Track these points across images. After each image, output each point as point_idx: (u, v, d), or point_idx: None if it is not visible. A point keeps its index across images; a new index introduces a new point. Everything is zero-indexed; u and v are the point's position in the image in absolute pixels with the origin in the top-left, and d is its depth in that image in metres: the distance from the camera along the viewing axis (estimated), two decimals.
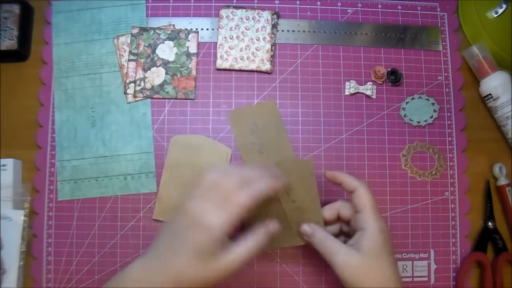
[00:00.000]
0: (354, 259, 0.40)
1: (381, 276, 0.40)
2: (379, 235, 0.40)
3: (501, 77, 0.52)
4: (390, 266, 0.40)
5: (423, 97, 0.53)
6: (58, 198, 0.51)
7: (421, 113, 0.53)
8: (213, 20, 0.54)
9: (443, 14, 0.57)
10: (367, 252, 0.40)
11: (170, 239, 0.38)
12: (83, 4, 0.54)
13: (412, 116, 0.53)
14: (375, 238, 0.40)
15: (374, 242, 0.40)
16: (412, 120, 0.53)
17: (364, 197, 0.42)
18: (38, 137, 0.52)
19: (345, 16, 0.56)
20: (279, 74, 0.54)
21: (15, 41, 0.52)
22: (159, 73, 0.53)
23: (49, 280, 0.49)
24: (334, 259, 0.41)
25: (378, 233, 0.40)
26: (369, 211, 0.41)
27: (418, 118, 0.53)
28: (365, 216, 0.41)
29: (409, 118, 0.53)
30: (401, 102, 0.54)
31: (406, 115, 0.53)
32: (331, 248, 0.41)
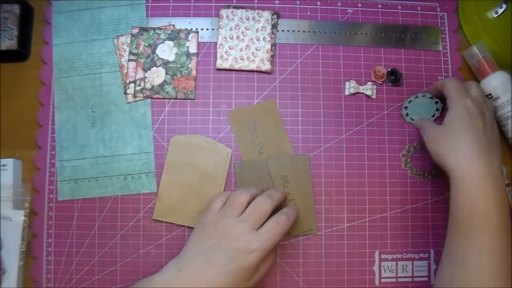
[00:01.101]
0: (436, 130, 0.46)
1: (464, 145, 0.43)
2: (461, 110, 0.45)
3: (501, 77, 0.52)
4: (470, 140, 0.43)
5: (427, 95, 0.53)
6: (58, 198, 0.51)
7: (422, 111, 0.53)
8: (213, 20, 0.54)
9: (443, 14, 0.57)
10: (447, 124, 0.45)
11: (206, 251, 0.42)
12: (83, 4, 0.54)
13: (413, 115, 0.53)
14: (455, 111, 0.45)
15: (454, 115, 0.45)
16: (413, 120, 0.53)
17: (450, 84, 0.47)
18: (38, 137, 0.52)
19: (345, 16, 0.56)
20: (279, 74, 0.54)
21: (15, 41, 0.52)
22: (159, 73, 0.53)
23: (49, 280, 0.49)
24: (425, 136, 0.48)
25: (460, 109, 0.45)
26: (454, 93, 0.46)
27: (419, 116, 0.53)
28: (450, 98, 0.47)
29: (410, 117, 0.53)
30: (403, 101, 0.54)
31: (408, 114, 0.53)
32: (424, 127, 0.49)
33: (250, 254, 0.41)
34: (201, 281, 0.41)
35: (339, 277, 0.51)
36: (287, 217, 0.44)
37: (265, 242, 0.42)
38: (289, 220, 0.44)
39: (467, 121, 0.44)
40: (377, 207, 0.52)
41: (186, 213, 0.50)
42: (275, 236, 0.43)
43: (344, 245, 0.51)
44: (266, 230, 0.43)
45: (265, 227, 0.43)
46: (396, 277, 0.51)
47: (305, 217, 0.51)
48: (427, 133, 0.48)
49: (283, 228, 0.43)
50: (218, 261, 0.41)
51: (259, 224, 0.43)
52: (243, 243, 0.41)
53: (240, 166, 0.52)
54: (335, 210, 0.52)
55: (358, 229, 0.52)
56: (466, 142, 0.43)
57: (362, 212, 0.52)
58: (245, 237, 0.42)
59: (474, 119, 0.44)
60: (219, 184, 0.51)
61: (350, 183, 0.52)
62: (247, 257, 0.41)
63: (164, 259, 0.50)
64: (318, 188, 0.52)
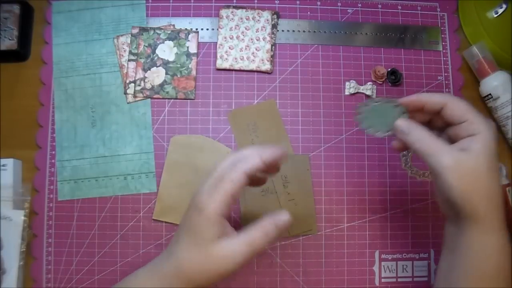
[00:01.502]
0: (465, 160, 0.35)
1: (494, 187, 0.35)
2: (492, 140, 0.36)
3: (501, 77, 0.52)
4: (497, 179, 0.36)
5: (392, 102, 0.41)
6: (58, 198, 0.51)
7: (381, 121, 0.41)
8: (213, 20, 0.54)
9: (443, 14, 0.57)
10: (481, 157, 0.35)
11: (177, 232, 0.38)
12: (83, 4, 0.54)
13: (369, 124, 0.42)
14: (489, 143, 0.35)
15: (487, 148, 0.35)
16: (368, 130, 0.42)
17: (461, 105, 0.37)
18: (38, 137, 0.52)
19: (345, 16, 0.56)
20: (279, 74, 0.54)
21: (15, 41, 0.52)
22: (159, 73, 0.53)
23: (49, 280, 0.49)
24: (438, 159, 0.35)
25: (492, 139, 0.36)
26: (477, 116, 0.36)
27: (376, 127, 0.41)
28: (474, 122, 0.36)
29: (366, 125, 0.42)
30: (359, 103, 0.44)
31: (363, 120, 0.42)
32: (435, 147, 0.36)
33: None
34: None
35: (339, 277, 0.51)
36: (265, 233, 0.36)
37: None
38: (267, 236, 0.36)
39: (496, 157, 0.36)
40: (377, 207, 0.52)
41: None
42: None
43: (344, 245, 0.51)
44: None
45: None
46: (396, 277, 0.51)
47: (305, 217, 0.51)
48: (443, 157, 0.35)
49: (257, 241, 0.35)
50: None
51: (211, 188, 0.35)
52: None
53: None
54: (335, 210, 0.52)
55: (358, 229, 0.52)
56: (497, 185, 0.36)
57: (362, 212, 0.52)
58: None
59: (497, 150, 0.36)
60: None
61: (350, 183, 0.52)
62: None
63: None
64: (318, 188, 0.52)
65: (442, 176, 0.35)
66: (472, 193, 0.34)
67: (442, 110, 0.38)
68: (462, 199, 0.35)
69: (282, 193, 0.51)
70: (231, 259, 0.34)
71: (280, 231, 0.36)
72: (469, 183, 0.34)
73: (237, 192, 0.35)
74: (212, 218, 0.34)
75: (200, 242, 0.35)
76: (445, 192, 0.35)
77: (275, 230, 0.36)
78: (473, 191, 0.34)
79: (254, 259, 0.50)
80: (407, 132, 0.38)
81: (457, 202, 0.35)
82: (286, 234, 0.50)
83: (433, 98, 0.39)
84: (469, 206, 0.35)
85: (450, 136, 0.39)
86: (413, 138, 0.37)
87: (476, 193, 0.35)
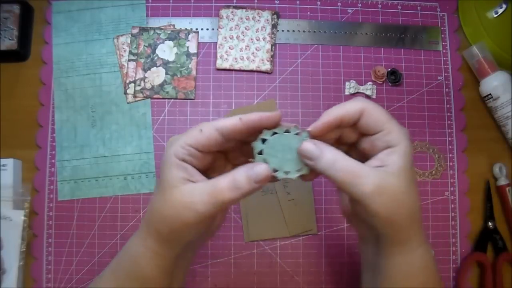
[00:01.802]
0: (386, 181, 0.30)
1: (415, 203, 0.32)
2: (410, 151, 0.32)
3: (501, 77, 0.52)
4: (416, 192, 0.32)
5: (293, 131, 0.33)
6: (58, 198, 0.51)
7: (285, 156, 0.32)
8: (213, 20, 0.54)
9: (443, 14, 0.57)
10: (402, 173, 0.31)
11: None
12: (83, 4, 0.54)
13: (272, 158, 0.32)
14: (408, 155, 0.31)
15: (407, 161, 0.31)
16: (269, 163, 0.32)
17: (378, 113, 0.32)
18: (38, 137, 0.52)
19: (345, 16, 0.56)
20: (279, 74, 0.54)
21: (15, 41, 0.52)
22: (159, 73, 0.53)
23: (49, 280, 0.49)
24: (358, 188, 0.30)
25: (409, 149, 0.32)
26: (394, 124, 0.32)
27: (279, 163, 0.32)
28: (392, 132, 0.32)
29: (263, 158, 0.32)
30: (264, 130, 0.33)
31: (263, 152, 0.32)
32: (353, 172, 0.30)
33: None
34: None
35: (339, 277, 0.51)
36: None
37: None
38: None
39: (413, 167, 0.33)
40: None
41: None
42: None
43: (344, 245, 0.51)
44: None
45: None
46: None
47: (305, 217, 0.51)
48: (363, 185, 0.30)
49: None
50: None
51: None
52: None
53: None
54: (335, 210, 0.52)
55: None
56: (417, 199, 0.32)
57: None
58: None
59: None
60: None
61: None
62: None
63: None
64: (318, 188, 0.52)
65: (364, 204, 0.30)
66: (395, 216, 0.31)
67: (360, 120, 0.32)
68: (385, 224, 0.31)
69: (282, 193, 0.51)
70: (191, 207, 0.31)
71: (253, 185, 0.31)
72: (392, 207, 0.30)
73: (204, 143, 0.32)
74: (170, 161, 0.32)
75: (161, 187, 0.32)
76: (367, 218, 0.32)
77: (247, 182, 0.31)
78: (396, 215, 0.31)
79: (253, 259, 0.50)
80: (316, 156, 0.31)
81: (379, 228, 0.32)
82: (289, 234, 0.50)
83: (349, 108, 0.32)
84: (392, 230, 0.32)
85: (364, 149, 0.34)
86: (325, 165, 0.31)
87: (399, 215, 0.31)
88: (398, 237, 0.32)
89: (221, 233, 0.51)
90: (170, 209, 0.31)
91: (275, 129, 0.33)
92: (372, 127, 0.32)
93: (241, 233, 0.51)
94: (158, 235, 0.33)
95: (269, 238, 0.51)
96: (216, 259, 0.50)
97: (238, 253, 0.51)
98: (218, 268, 0.50)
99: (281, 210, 0.51)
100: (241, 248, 0.51)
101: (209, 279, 0.50)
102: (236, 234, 0.51)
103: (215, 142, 0.32)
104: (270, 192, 0.51)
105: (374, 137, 0.33)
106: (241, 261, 0.51)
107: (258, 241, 0.51)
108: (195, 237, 0.34)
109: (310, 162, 0.32)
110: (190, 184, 0.31)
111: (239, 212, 0.51)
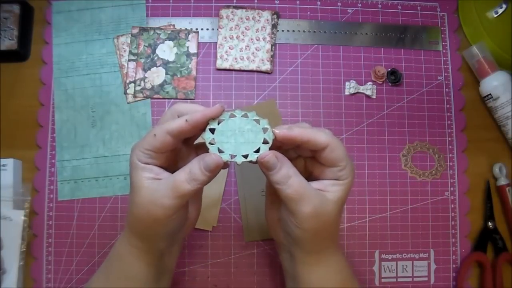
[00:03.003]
0: (323, 207, 0.34)
1: (337, 224, 0.37)
2: (351, 186, 0.36)
3: (501, 77, 0.52)
4: (341, 214, 0.37)
5: (251, 115, 0.34)
6: (58, 198, 0.51)
7: (240, 142, 0.34)
8: (213, 20, 0.54)
9: (443, 14, 0.57)
10: (339, 202, 0.35)
11: None
12: (83, 4, 0.54)
13: (224, 144, 0.34)
14: (348, 190, 0.36)
15: (346, 194, 0.36)
16: (222, 152, 0.33)
17: (341, 151, 0.35)
18: (38, 137, 0.52)
19: (345, 16, 0.56)
20: (279, 74, 0.54)
21: (15, 41, 0.52)
22: (159, 73, 0.53)
23: (49, 280, 0.49)
24: (300, 207, 0.33)
25: (351, 185, 0.36)
26: (349, 163, 0.35)
27: (234, 149, 0.34)
28: (345, 169, 0.35)
29: (217, 148, 0.33)
30: (211, 121, 0.34)
31: (214, 141, 0.34)
32: (300, 192, 0.33)
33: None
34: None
35: None
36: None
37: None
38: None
39: (347, 197, 0.36)
40: (377, 207, 0.52)
41: None
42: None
43: (344, 245, 0.51)
44: None
45: None
46: (396, 277, 0.51)
47: None
48: (305, 206, 0.33)
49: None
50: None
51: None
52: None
53: (240, 166, 0.52)
54: None
55: (358, 229, 0.52)
56: (339, 220, 0.37)
57: (362, 212, 0.52)
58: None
59: None
60: (219, 184, 0.51)
61: None
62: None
63: None
64: None
65: (298, 220, 0.34)
66: (320, 234, 0.35)
67: (322, 152, 0.34)
68: (309, 240, 0.35)
69: None
70: (157, 202, 0.33)
71: (209, 173, 0.33)
72: (319, 227, 0.34)
73: (159, 146, 0.33)
74: (135, 166, 0.34)
75: (132, 189, 0.35)
76: (294, 231, 0.35)
77: (201, 173, 0.33)
78: (320, 232, 0.35)
79: (253, 259, 0.50)
80: (275, 169, 0.34)
81: (302, 242, 0.35)
82: None
83: (318, 138, 0.34)
84: (312, 243, 0.36)
85: (313, 171, 0.37)
86: (280, 178, 0.33)
87: (322, 233, 0.35)
88: (316, 248, 0.36)
89: (221, 233, 0.51)
90: (141, 208, 0.34)
91: (220, 116, 0.34)
92: (330, 161, 0.35)
93: (241, 233, 0.51)
94: (138, 233, 0.36)
95: (269, 238, 0.51)
96: (216, 259, 0.50)
97: (238, 253, 0.51)
98: (218, 268, 0.50)
99: None
100: (241, 248, 0.51)
101: (209, 279, 0.50)
102: (236, 234, 0.51)
103: (169, 144, 0.34)
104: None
105: (328, 168, 0.35)
106: (241, 261, 0.51)
107: (258, 241, 0.51)
108: (173, 229, 0.36)
109: (267, 172, 0.34)
110: (156, 182, 0.34)
111: (239, 212, 0.51)
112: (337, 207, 0.35)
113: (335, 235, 0.38)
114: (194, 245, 0.51)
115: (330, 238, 0.37)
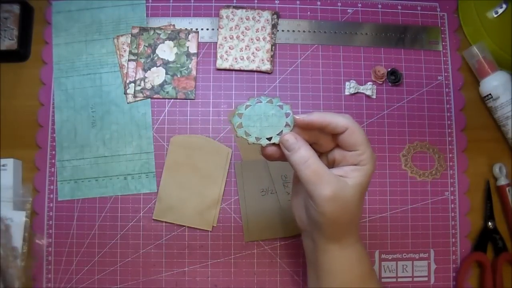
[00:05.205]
0: (343, 191, 0.34)
1: (358, 211, 0.37)
2: (371, 174, 0.36)
3: (501, 77, 0.52)
4: (362, 203, 0.37)
5: (275, 101, 0.37)
6: (58, 198, 0.51)
7: (265, 125, 0.36)
8: (213, 20, 0.54)
9: (443, 14, 0.57)
10: (358, 188, 0.35)
11: None
12: (83, 4, 0.54)
13: (251, 128, 0.36)
14: (368, 176, 0.36)
15: (366, 180, 0.36)
16: (248, 137, 0.36)
17: (360, 134, 0.36)
18: (38, 137, 0.52)
19: (345, 16, 0.56)
20: (279, 74, 0.54)
21: (15, 41, 0.52)
22: (159, 73, 0.53)
23: (49, 280, 0.49)
24: (319, 190, 0.34)
25: (371, 173, 0.36)
26: (369, 148, 0.36)
27: (259, 132, 0.36)
28: (365, 153, 0.36)
29: (244, 131, 0.36)
30: (238, 106, 0.37)
31: (242, 125, 0.36)
32: (319, 174, 0.34)
33: None
34: None
35: None
36: None
37: None
38: None
39: (368, 185, 0.37)
40: (377, 207, 0.52)
41: (186, 213, 0.50)
42: None
43: None
44: None
45: None
46: (396, 277, 0.51)
47: None
48: (324, 189, 0.34)
49: None
50: None
51: None
52: None
53: (240, 166, 0.52)
54: None
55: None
56: (361, 208, 0.37)
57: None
58: None
59: None
60: (219, 184, 0.51)
61: None
62: None
63: (164, 259, 0.50)
64: None
65: (317, 204, 0.34)
66: (339, 219, 0.35)
67: (342, 134, 0.36)
68: (329, 225, 0.36)
69: (282, 193, 0.51)
70: None
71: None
72: (339, 212, 0.35)
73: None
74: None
75: None
76: (314, 216, 0.36)
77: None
78: (340, 218, 0.35)
79: (254, 259, 0.51)
80: (294, 149, 0.35)
81: (323, 227, 0.36)
82: (291, 233, 0.50)
83: (338, 121, 0.35)
84: (332, 229, 0.36)
85: (335, 158, 0.37)
86: (298, 159, 0.35)
87: (342, 219, 0.35)
88: (336, 235, 0.36)
89: (221, 233, 0.51)
90: None
91: (247, 101, 0.36)
92: (351, 145, 0.36)
93: (241, 233, 0.51)
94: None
95: (269, 238, 0.51)
96: (216, 259, 0.50)
97: (238, 253, 0.51)
98: (218, 268, 0.50)
99: (281, 210, 0.51)
100: (241, 248, 0.51)
101: (209, 279, 0.50)
102: (236, 234, 0.51)
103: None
104: (270, 192, 0.51)
105: (348, 153, 0.36)
106: (241, 261, 0.51)
107: (258, 241, 0.51)
108: None
109: (286, 152, 0.35)
110: None
111: (239, 212, 0.51)
112: (357, 193, 0.35)
113: (355, 223, 0.38)
114: (194, 245, 0.51)
115: (350, 226, 0.37)
